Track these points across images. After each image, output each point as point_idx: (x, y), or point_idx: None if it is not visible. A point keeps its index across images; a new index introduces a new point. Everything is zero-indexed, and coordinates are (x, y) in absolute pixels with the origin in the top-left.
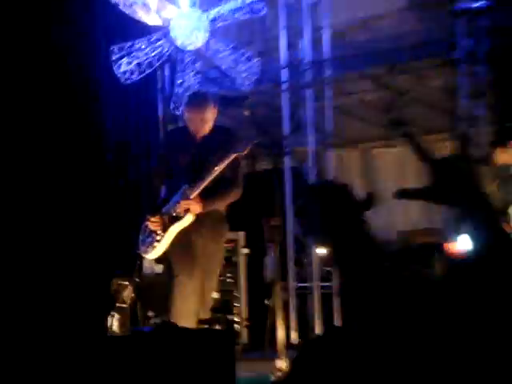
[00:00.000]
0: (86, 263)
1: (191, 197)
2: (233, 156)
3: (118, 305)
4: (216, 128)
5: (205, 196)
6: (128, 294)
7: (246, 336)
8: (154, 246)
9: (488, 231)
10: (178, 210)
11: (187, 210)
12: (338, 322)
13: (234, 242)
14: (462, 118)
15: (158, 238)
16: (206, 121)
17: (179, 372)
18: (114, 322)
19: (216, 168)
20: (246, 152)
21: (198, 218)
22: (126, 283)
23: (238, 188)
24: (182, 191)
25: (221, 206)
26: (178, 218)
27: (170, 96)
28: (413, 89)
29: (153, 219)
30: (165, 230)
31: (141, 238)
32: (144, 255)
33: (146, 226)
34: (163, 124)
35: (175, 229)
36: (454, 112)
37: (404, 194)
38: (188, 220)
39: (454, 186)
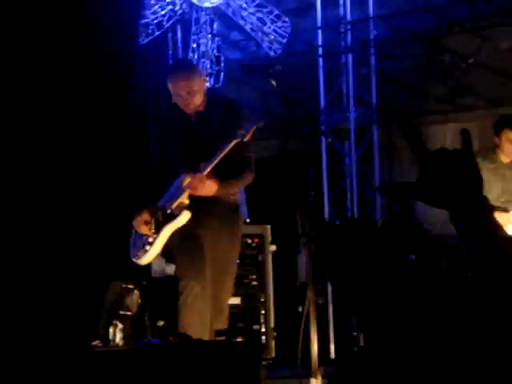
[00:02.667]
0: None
1: (204, 173)
2: (233, 143)
3: (121, 312)
4: (213, 100)
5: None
6: (134, 299)
7: (273, 349)
8: (146, 250)
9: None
10: (173, 206)
11: (183, 207)
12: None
13: (259, 238)
14: None
15: (150, 239)
16: (193, 94)
17: None
18: (117, 333)
19: (219, 154)
20: (248, 137)
21: (206, 207)
22: (131, 287)
23: (251, 170)
24: (180, 182)
25: (234, 190)
26: (172, 217)
27: None
28: (477, 52)
29: (138, 219)
30: (158, 230)
31: (132, 238)
32: (135, 261)
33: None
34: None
35: (169, 230)
36: None
37: (387, 189)
38: (185, 218)
39: (443, 185)
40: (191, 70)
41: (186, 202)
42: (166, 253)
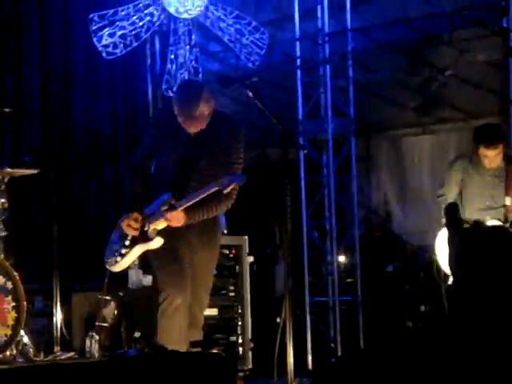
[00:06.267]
0: None
1: (178, 208)
2: (213, 190)
3: (97, 324)
4: (215, 118)
5: (190, 206)
6: (110, 311)
7: (250, 360)
8: (117, 261)
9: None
10: (150, 226)
11: (157, 233)
12: (362, 343)
13: (237, 249)
14: None
15: (123, 251)
16: (200, 118)
17: None
18: (93, 345)
19: (197, 197)
20: (228, 190)
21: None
22: (108, 298)
23: (227, 201)
24: (162, 203)
25: (204, 218)
26: (146, 238)
27: (161, 74)
28: (454, 65)
29: (132, 224)
30: (132, 244)
31: (110, 240)
32: (106, 265)
33: (120, 226)
34: (153, 108)
35: (140, 249)
36: (504, 92)
37: None
38: (156, 244)
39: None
40: (197, 95)
41: (161, 227)
42: (143, 264)
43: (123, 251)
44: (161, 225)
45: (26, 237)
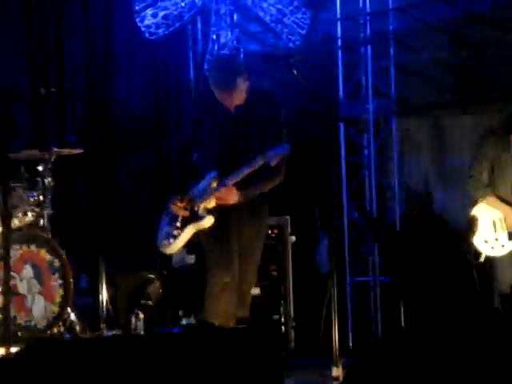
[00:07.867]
0: None
1: (228, 184)
2: (259, 164)
3: (142, 302)
4: (253, 94)
5: (242, 184)
6: (155, 289)
7: (293, 339)
8: (170, 243)
9: None
10: (200, 206)
11: (207, 211)
12: (403, 322)
13: (279, 229)
14: None
15: (175, 232)
16: (238, 94)
17: (215, 380)
18: (138, 323)
19: (245, 171)
20: (274, 163)
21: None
22: (152, 277)
23: (280, 174)
24: (209, 181)
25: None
26: (197, 217)
27: (203, 54)
28: (496, 44)
29: (179, 204)
30: (183, 225)
31: (161, 224)
32: (159, 249)
33: (169, 210)
34: (196, 88)
35: (192, 229)
36: None
37: None
38: (208, 223)
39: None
40: (233, 72)
41: (211, 205)
42: (187, 243)
43: (175, 233)
44: (211, 203)
45: (72, 215)
